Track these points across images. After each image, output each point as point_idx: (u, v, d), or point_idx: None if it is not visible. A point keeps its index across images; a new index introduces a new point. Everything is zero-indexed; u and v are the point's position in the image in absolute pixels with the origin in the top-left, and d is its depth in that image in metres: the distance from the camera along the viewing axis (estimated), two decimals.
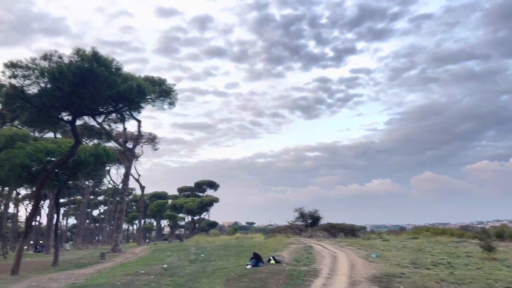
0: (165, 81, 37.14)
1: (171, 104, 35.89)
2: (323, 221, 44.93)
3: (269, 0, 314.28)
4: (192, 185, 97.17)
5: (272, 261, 18.51)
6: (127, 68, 34.83)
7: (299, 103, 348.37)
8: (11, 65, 19.12)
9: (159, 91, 35.47)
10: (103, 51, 21.08)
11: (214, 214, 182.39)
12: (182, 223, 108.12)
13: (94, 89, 20.46)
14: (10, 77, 19.23)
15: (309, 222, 44.09)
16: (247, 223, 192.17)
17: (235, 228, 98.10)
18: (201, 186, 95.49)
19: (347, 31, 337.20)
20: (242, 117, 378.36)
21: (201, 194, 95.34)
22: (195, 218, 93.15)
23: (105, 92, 20.96)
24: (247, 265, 18.23)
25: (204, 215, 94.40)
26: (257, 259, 18.27)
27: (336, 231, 41.33)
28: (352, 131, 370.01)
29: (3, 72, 19.08)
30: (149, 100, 30.71)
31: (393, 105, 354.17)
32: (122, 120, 32.50)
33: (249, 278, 14.76)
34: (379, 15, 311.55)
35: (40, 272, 22.61)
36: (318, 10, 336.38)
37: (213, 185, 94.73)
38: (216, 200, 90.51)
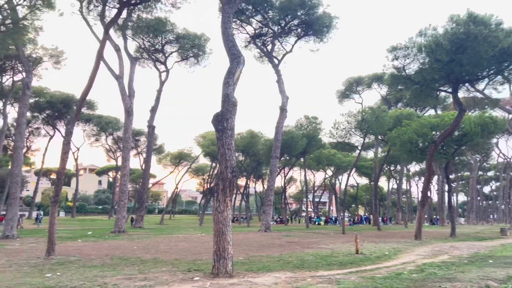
0: None
1: None
2: None
3: None
4: None
5: None
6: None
7: None
8: (392, 49, 21.05)
9: None
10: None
11: None
12: None
13: (473, 51, 19.22)
14: (392, 60, 21.18)
15: None
16: None
17: None
18: None
19: None
20: None
21: None
22: None
23: (486, 52, 19.24)
24: None
25: None
26: None
27: None
28: None
29: (386, 56, 21.31)
30: None
31: None
32: (509, 82, 28.73)
33: None
34: None
35: (439, 240, 23.60)
36: None
37: None
38: None
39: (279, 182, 54.24)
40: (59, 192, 15.01)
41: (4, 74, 41.82)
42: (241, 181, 55.76)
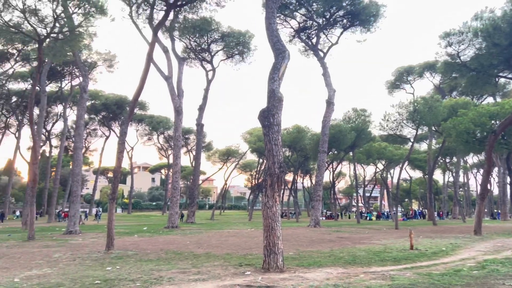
0: None
1: None
2: None
3: None
4: None
5: None
6: None
7: None
8: (445, 35, 20.01)
9: None
10: None
11: None
12: None
13: None
14: (445, 47, 20.15)
15: None
16: None
17: None
18: None
19: None
20: None
21: None
22: None
23: None
24: None
25: None
26: None
27: None
28: None
29: (438, 43, 20.30)
30: None
31: None
32: None
33: None
34: None
35: (502, 235, 22.21)
36: None
37: None
38: None
39: (327, 177, 53.51)
40: (116, 189, 15.79)
41: (63, 80, 44.61)
42: (289, 177, 55.66)
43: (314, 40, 35.04)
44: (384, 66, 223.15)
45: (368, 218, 51.85)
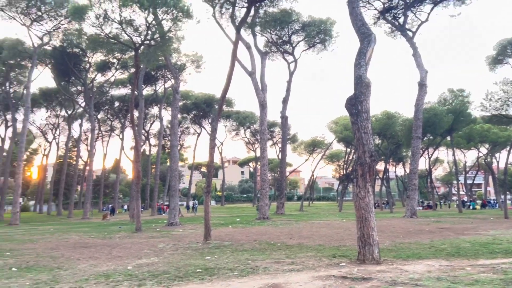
0: None
1: None
2: None
3: None
4: None
5: None
6: None
7: None
8: None
9: None
10: None
11: None
12: None
13: None
14: None
15: None
16: None
17: None
18: None
19: None
20: None
21: None
22: None
23: None
24: None
25: None
26: None
27: None
28: None
29: None
30: None
31: None
32: None
33: None
34: None
35: None
36: None
37: None
38: None
39: (422, 164, 50.38)
40: (210, 183, 16.63)
41: (156, 83, 48.09)
42: (380, 165, 53.46)
43: (401, 20, 32.96)
44: (482, 40, 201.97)
45: (471, 207, 47.66)
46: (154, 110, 54.94)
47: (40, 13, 33.50)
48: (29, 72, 36.88)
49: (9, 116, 48.02)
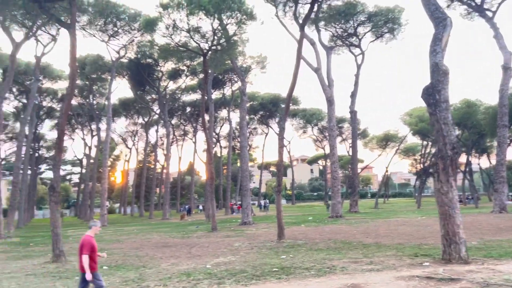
0: None
1: None
2: None
3: None
4: None
5: None
6: None
7: None
8: None
9: None
10: None
11: None
12: None
13: None
14: None
15: None
16: None
17: None
18: None
19: None
20: None
21: None
22: None
23: None
24: None
25: None
26: None
27: None
28: None
29: None
30: None
31: None
32: None
33: None
34: None
35: None
36: None
37: None
38: None
39: (511, 154, 45.93)
40: (280, 182, 16.69)
41: (224, 86, 49.35)
42: (462, 158, 49.77)
43: (478, 0, 30.39)
44: None
45: None
46: (223, 113, 56.41)
47: (116, 29, 35.95)
48: (109, 84, 39.85)
49: (93, 126, 52.57)
